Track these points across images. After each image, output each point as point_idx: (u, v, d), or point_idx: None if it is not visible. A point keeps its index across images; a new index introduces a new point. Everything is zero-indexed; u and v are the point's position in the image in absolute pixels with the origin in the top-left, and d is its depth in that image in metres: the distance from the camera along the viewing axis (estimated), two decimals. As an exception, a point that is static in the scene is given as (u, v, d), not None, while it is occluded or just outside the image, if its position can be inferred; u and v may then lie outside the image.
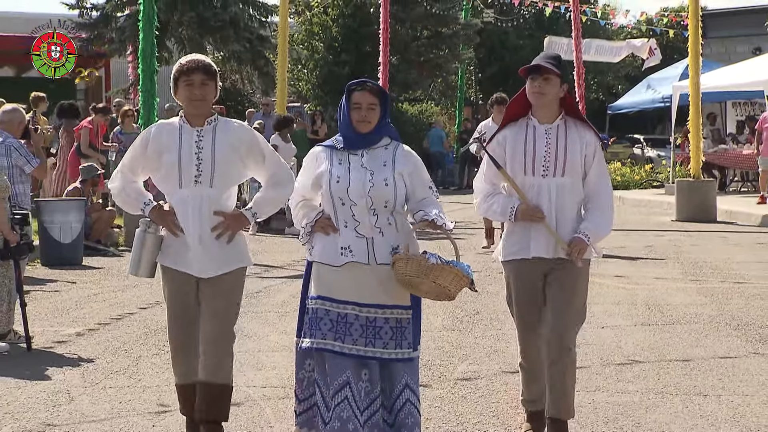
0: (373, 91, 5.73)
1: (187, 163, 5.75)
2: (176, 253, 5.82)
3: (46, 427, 6.53)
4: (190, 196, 5.75)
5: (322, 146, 5.87)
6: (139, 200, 5.86)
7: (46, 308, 10.47)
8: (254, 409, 6.86)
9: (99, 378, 7.74)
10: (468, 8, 35.99)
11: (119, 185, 5.90)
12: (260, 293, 11.46)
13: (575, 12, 23.92)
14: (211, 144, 5.78)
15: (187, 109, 5.80)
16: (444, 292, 5.58)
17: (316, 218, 5.73)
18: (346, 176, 5.68)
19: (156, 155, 5.81)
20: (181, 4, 23.50)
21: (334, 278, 5.66)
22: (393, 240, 5.69)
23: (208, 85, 5.77)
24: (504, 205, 6.04)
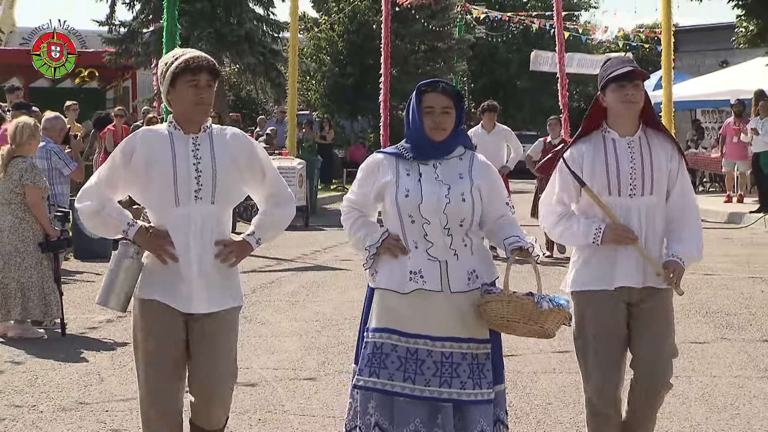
0: (446, 92, 4.57)
1: (184, 176, 4.39)
2: (163, 284, 4.45)
3: (78, 405, 6.54)
4: (190, 216, 4.40)
5: (385, 153, 4.68)
6: (121, 221, 4.46)
7: (78, 297, 10.48)
8: (267, 389, 6.87)
9: (126, 361, 7.75)
10: (461, 25, 35.97)
11: (94, 205, 4.46)
12: (272, 284, 11.46)
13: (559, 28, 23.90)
14: (209, 153, 4.45)
15: (187, 113, 4.43)
16: (544, 333, 4.50)
17: (383, 239, 4.57)
18: (417, 190, 4.51)
19: (143, 167, 4.40)
20: (201, 20, 23.47)
21: (401, 308, 4.49)
22: (469, 264, 4.55)
23: (211, 88, 4.45)
24: (587, 226, 4.78)
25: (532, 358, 7.69)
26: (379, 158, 4.66)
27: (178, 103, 4.44)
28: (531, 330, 4.46)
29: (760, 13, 22.56)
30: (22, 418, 6.27)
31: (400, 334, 4.49)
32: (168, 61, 4.46)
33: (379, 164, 4.64)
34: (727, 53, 33.55)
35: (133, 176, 4.46)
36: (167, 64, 4.44)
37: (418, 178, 4.55)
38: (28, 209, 8.63)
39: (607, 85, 4.79)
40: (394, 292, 4.51)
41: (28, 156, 8.78)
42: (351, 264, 12.98)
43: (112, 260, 4.49)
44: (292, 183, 17.79)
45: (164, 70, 4.44)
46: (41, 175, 8.87)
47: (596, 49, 40.01)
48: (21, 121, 8.91)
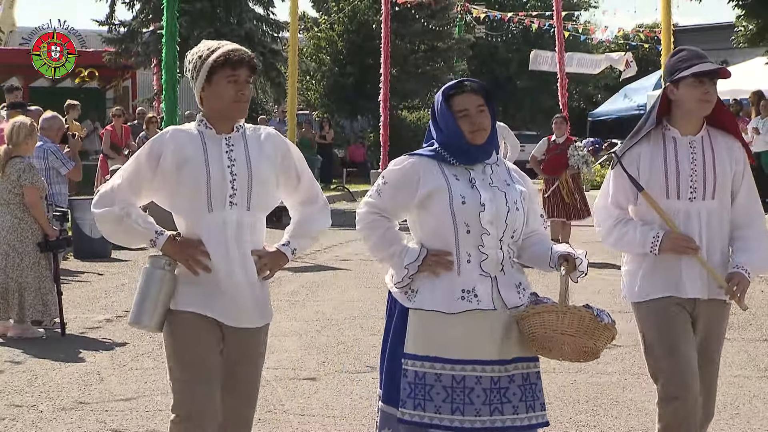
0: (474, 89, 4.14)
1: (218, 179, 3.99)
2: (199, 295, 4.04)
3: (78, 405, 6.53)
4: (226, 222, 4.01)
5: (422, 155, 4.13)
6: (148, 229, 4.04)
7: (78, 297, 10.48)
8: (267, 389, 6.86)
9: (126, 360, 7.75)
10: (461, 24, 35.99)
11: (116, 211, 4.03)
12: (272, 283, 11.36)
13: (559, 28, 23.91)
14: (244, 155, 4.05)
15: (225, 111, 4.03)
16: (593, 351, 4.03)
17: (423, 256, 4.06)
18: (475, 196, 4.04)
19: (173, 170, 4.00)
20: (201, 20, 23.47)
21: (447, 331, 4.01)
22: (514, 276, 4.14)
23: (249, 85, 4.09)
24: (644, 235, 4.43)
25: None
26: (417, 161, 4.12)
27: (214, 100, 4.02)
28: (580, 347, 3.99)
29: (759, 13, 22.56)
30: (22, 417, 6.27)
31: (444, 362, 4.01)
32: (202, 53, 4.02)
33: (419, 168, 4.10)
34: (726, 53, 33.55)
35: (161, 180, 4.03)
36: (202, 57, 4.01)
37: (470, 183, 4.08)
38: (26, 209, 8.63)
39: (682, 78, 4.38)
40: (439, 313, 4.02)
41: (25, 156, 8.78)
42: (351, 264, 12.98)
43: (142, 275, 4.03)
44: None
45: (198, 63, 4.02)
46: (39, 175, 8.87)
47: (596, 48, 40.03)
48: (18, 120, 8.91)
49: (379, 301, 10.10)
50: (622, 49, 37.16)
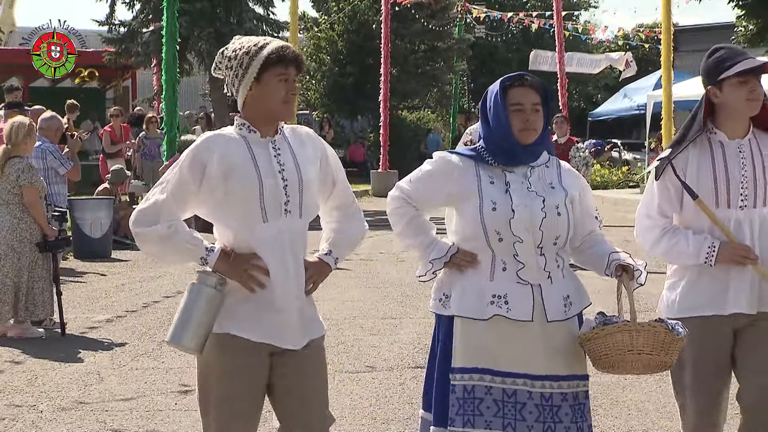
0: (534, 86, 3.90)
1: (271, 186, 3.64)
2: (247, 315, 3.66)
3: (78, 405, 6.53)
4: (282, 232, 3.67)
5: (460, 154, 3.97)
6: (198, 246, 3.65)
7: (78, 297, 10.47)
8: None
9: (126, 360, 7.74)
10: (461, 24, 35.98)
11: (162, 229, 3.62)
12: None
13: (559, 28, 23.93)
14: (291, 158, 3.72)
15: (274, 112, 3.68)
16: (665, 365, 3.80)
17: (451, 253, 3.90)
18: (507, 202, 3.82)
19: (220, 180, 3.61)
20: (201, 20, 23.47)
21: (491, 340, 3.81)
22: (563, 288, 3.91)
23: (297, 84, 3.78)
24: (697, 245, 4.12)
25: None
26: (454, 159, 3.93)
27: (263, 101, 3.66)
28: (653, 363, 3.73)
29: (759, 13, 22.58)
30: (21, 417, 6.26)
31: (493, 374, 3.79)
32: (248, 49, 3.66)
33: (454, 166, 3.91)
34: (726, 53, 33.53)
35: (207, 192, 3.63)
36: (249, 53, 3.64)
37: (505, 187, 3.85)
38: (25, 209, 8.63)
39: (725, 79, 4.11)
40: (476, 321, 3.82)
41: (24, 156, 8.78)
42: (351, 264, 12.97)
43: (189, 292, 3.64)
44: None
45: (245, 60, 3.65)
46: (38, 175, 8.87)
47: (596, 48, 40.05)
48: (16, 121, 8.92)
49: (378, 301, 10.09)
50: (622, 49, 37.16)
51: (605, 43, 37.53)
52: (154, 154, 18.27)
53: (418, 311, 9.55)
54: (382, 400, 6.62)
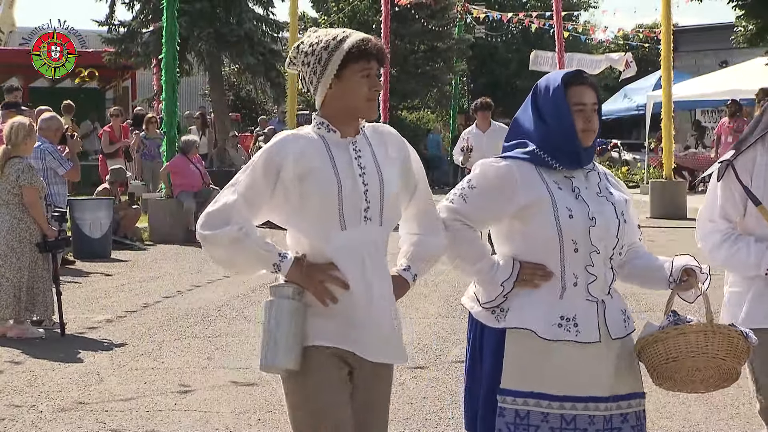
0: (592, 85, 3.63)
1: (351, 191, 3.34)
2: (330, 324, 3.37)
3: (77, 405, 6.53)
4: (361, 241, 3.37)
5: (516, 158, 3.56)
6: (270, 252, 3.34)
7: (78, 297, 10.47)
8: (267, 389, 6.86)
9: (126, 360, 7.74)
10: (461, 25, 35.98)
11: (232, 232, 3.32)
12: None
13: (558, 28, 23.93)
14: (372, 160, 3.42)
15: (357, 110, 3.41)
16: (735, 375, 3.54)
17: (518, 270, 3.52)
18: (583, 209, 3.49)
19: (296, 183, 3.32)
20: (201, 20, 23.47)
21: (550, 361, 3.46)
22: (620, 302, 3.62)
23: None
24: (759, 254, 3.85)
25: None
26: (514, 165, 3.53)
27: (345, 98, 3.38)
28: (724, 368, 3.48)
29: (759, 13, 22.58)
30: (21, 418, 6.26)
31: (551, 399, 3.45)
32: (326, 43, 3.38)
33: (516, 173, 3.52)
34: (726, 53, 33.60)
35: (282, 196, 3.34)
36: (329, 48, 3.36)
37: (574, 192, 3.53)
38: (25, 209, 8.63)
39: None
40: (536, 339, 3.46)
41: (24, 156, 8.78)
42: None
43: (267, 310, 3.35)
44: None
45: (324, 55, 3.37)
46: (38, 176, 8.88)
47: (596, 49, 40.06)
48: (16, 121, 8.92)
49: (378, 301, 10.08)
50: (622, 49, 37.17)
51: (605, 43, 37.53)
52: (154, 155, 18.27)
53: (417, 312, 9.55)
54: (382, 400, 6.61)
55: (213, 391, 6.79)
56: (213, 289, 11.10)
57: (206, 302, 10.18)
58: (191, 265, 12.92)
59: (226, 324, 9.10)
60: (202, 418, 6.19)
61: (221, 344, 8.24)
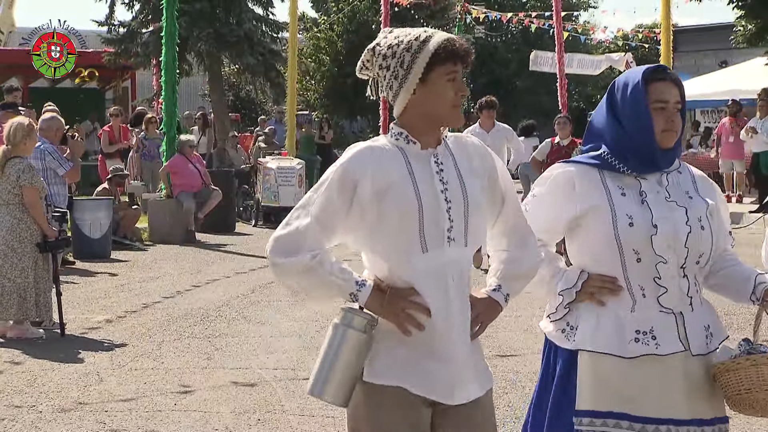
0: (676, 81, 3.34)
1: (432, 209, 3.03)
2: (406, 362, 3.05)
3: (77, 406, 6.53)
4: (445, 264, 3.05)
5: (578, 163, 3.38)
6: (347, 280, 3.05)
7: (78, 297, 10.47)
8: (266, 389, 6.86)
9: (126, 361, 7.75)
10: (461, 25, 35.99)
11: (307, 260, 3.03)
12: (272, 284, 11.45)
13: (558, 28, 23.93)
14: (456, 175, 3.10)
15: (440, 118, 3.08)
16: None
17: (583, 281, 3.33)
18: (645, 215, 3.26)
19: (372, 201, 3.02)
20: (201, 21, 23.48)
21: (627, 380, 3.24)
22: (703, 316, 3.36)
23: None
24: None
25: (531, 358, 7.68)
26: (573, 170, 3.35)
27: (428, 105, 3.06)
28: None
29: (759, 13, 22.59)
30: (21, 418, 6.27)
31: (631, 419, 3.23)
32: (408, 44, 3.05)
33: (575, 179, 3.33)
34: (726, 53, 33.60)
35: (358, 216, 3.04)
36: (411, 49, 3.04)
37: (639, 198, 3.29)
38: (25, 209, 8.63)
39: None
40: (611, 357, 3.24)
41: (24, 156, 8.79)
42: (351, 264, 12.96)
43: (332, 334, 3.05)
44: (291, 183, 17.80)
45: (406, 58, 3.04)
46: (38, 176, 8.88)
47: (595, 49, 40.09)
48: (16, 121, 8.93)
49: (378, 301, 10.09)
50: (622, 49, 37.16)
51: (605, 43, 37.54)
52: (154, 155, 18.27)
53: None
54: (382, 400, 6.61)
55: (213, 392, 6.80)
56: (213, 289, 11.11)
57: (206, 302, 10.18)
58: (191, 266, 12.92)
59: (226, 324, 9.11)
60: (202, 419, 6.19)
61: (221, 344, 8.24)
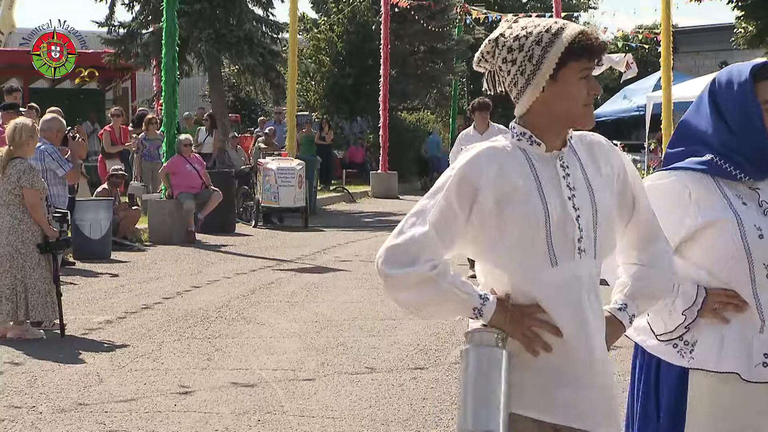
0: None
1: (561, 218, 2.75)
2: (531, 389, 2.75)
3: (77, 406, 6.53)
4: (577, 279, 2.77)
5: (688, 169, 3.07)
6: (471, 295, 2.74)
7: (78, 298, 10.47)
8: (266, 390, 6.86)
9: (126, 361, 7.75)
10: (461, 26, 36.01)
11: (425, 271, 2.71)
12: (272, 284, 11.46)
13: (558, 29, 23.93)
14: (583, 178, 2.81)
15: (570, 119, 2.79)
16: None
17: (703, 297, 3.04)
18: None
19: (493, 209, 2.73)
20: (200, 21, 23.46)
21: (748, 407, 2.99)
22: None
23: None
24: None
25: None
26: (686, 177, 3.05)
27: (557, 104, 2.77)
28: None
29: (759, 14, 22.60)
30: (21, 419, 6.27)
31: None
32: (538, 36, 2.76)
33: (689, 189, 3.04)
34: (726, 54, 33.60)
35: (478, 225, 2.75)
36: (541, 42, 2.74)
37: (762, 208, 3.02)
38: (26, 210, 8.63)
39: None
40: (734, 379, 2.98)
41: (26, 157, 8.79)
42: (350, 265, 12.98)
43: (470, 361, 2.72)
44: (291, 184, 17.80)
45: (536, 52, 2.75)
46: (39, 177, 8.88)
47: (595, 49, 40.06)
48: (20, 122, 8.92)
49: (378, 302, 10.09)
50: (622, 50, 37.15)
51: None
52: (154, 156, 18.27)
53: (417, 312, 9.56)
54: (382, 401, 6.62)
55: (213, 392, 6.80)
56: (213, 290, 11.11)
57: (206, 303, 10.18)
58: (191, 266, 12.92)
59: (226, 325, 9.11)
60: (202, 419, 6.20)
61: (221, 345, 8.24)
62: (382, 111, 26.65)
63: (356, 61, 33.49)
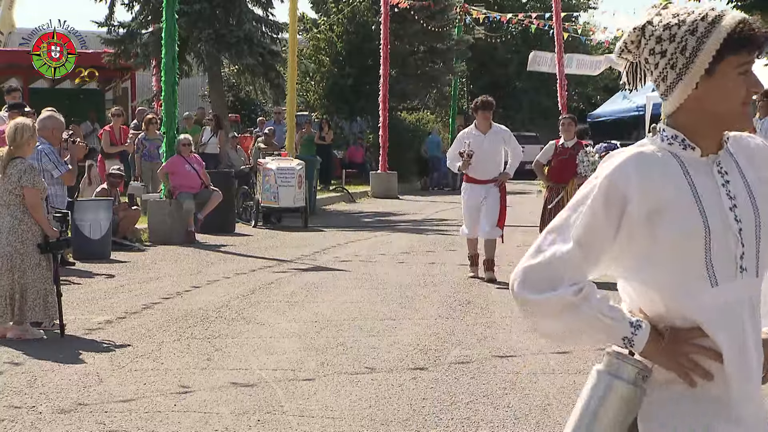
0: None
1: (721, 233, 2.44)
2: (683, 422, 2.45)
3: (77, 406, 6.53)
4: (739, 301, 2.47)
5: None
6: (621, 322, 2.46)
7: (77, 298, 10.47)
8: (266, 390, 6.86)
9: (126, 361, 7.75)
10: (461, 26, 36.02)
11: (568, 296, 2.45)
12: (272, 284, 11.46)
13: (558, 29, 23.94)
14: (743, 187, 2.50)
15: (728, 119, 2.48)
16: None
17: None
18: None
19: (644, 221, 2.44)
20: (200, 21, 23.48)
21: None
22: None
23: None
24: None
25: (531, 359, 7.69)
26: None
27: (713, 101, 2.46)
28: None
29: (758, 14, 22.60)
30: (21, 419, 6.26)
31: None
32: (692, 25, 2.45)
33: None
34: (726, 54, 33.55)
35: (626, 240, 2.46)
36: (696, 32, 2.43)
37: None
38: (26, 210, 8.63)
39: None
40: None
41: (26, 157, 8.79)
42: (350, 265, 12.98)
43: (595, 383, 2.50)
44: (291, 184, 17.81)
45: (690, 42, 2.44)
46: (40, 177, 8.88)
47: (595, 49, 40.10)
48: (20, 122, 8.92)
49: (378, 302, 10.10)
50: (622, 50, 37.15)
51: (604, 44, 37.56)
52: (154, 156, 18.28)
53: (417, 312, 9.56)
54: (382, 401, 6.62)
55: (212, 392, 6.80)
56: (212, 290, 11.11)
57: (206, 303, 10.18)
58: (191, 266, 12.92)
59: (226, 325, 9.11)
60: (202, 419, 6.19)
61: (221, 345, 8.25)
62: (382, 111, 26.66)
63: (356, 61, 33.51)
